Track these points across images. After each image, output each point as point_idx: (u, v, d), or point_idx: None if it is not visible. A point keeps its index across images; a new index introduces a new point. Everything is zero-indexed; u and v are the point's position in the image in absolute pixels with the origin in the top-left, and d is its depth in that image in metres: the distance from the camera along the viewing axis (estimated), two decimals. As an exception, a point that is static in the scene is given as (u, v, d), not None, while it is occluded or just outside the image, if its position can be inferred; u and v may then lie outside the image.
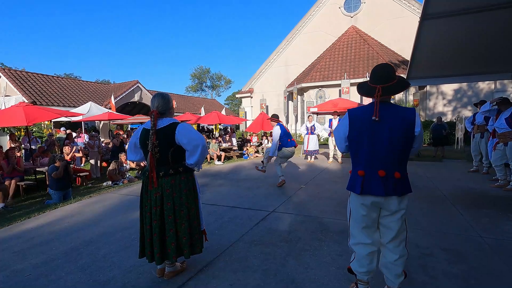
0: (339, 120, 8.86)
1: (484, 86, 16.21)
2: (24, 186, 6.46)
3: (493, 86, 15.99)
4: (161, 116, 2.26)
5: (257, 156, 12.05)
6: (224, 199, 5.03)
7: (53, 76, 17.92)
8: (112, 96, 15.90)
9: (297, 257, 2.77)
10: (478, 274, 2.37)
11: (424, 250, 2.85)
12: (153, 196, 2.22)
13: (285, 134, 5.68)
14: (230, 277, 2.45)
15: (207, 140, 12.16)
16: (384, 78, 1.81)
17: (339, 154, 9.25)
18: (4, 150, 6.84)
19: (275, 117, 6.08)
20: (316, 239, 3.18)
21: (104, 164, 9.70)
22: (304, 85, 17.69)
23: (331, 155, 9.39)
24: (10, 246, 3.32)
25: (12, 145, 8.65)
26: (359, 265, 1.92)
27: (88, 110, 11.97)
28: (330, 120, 9.48)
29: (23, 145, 9.69)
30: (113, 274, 2.57)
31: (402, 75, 11.77)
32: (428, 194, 5.00)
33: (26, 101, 13.26)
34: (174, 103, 18.27)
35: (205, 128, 21.56)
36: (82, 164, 9.83)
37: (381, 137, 1.76)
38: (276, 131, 5.60)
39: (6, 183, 5.90)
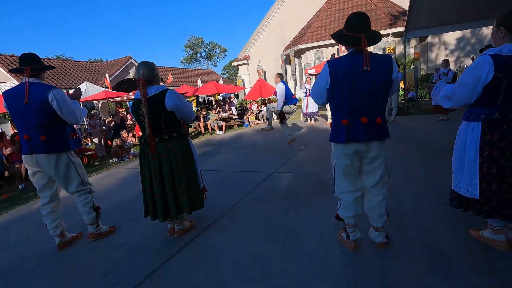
0: None
1: (488, 32, 15.56)
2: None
3: (497, 32, 15.33)
4: (148, 84, 2.31)
5: (257, 123, 12.11)
6: (226, 165, 5.20)
7: (44, 59, 17.55)
8: (107, 74, 15.66)
9: (297, 212, 2.95)
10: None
11: (418, 196, 3.00)
12: (151, 161, 2.36)
13: (288, 91, 5.88)
14: (234, 232, 2.65)
15: (207, 112, 12.16)
16: (365, 27, 1.85)
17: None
18: (8, 136, 6.97)
19: (279, 76, 6.31)
20: (315, 195, 3.34)
21: (109, 142, 9.87)
22: (301, 46, 17.15)
23: (329, 116, 9.41)
24: (31, 221, 3.56)
25: (15, 131, 8.77)
26: (345, 211, 2.08)
27: (84, 90, 11.90)
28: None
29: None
30: (127, 238, 2.79)
31: (401, 28, 11.33)
32: (425, 147, 5.10)
33: (21, 86, 13.12)
34: (170, 77, 17.93)
35: (205, 100, 21.41)
36: (90, 144, 10.02)
37: (364, 85, 1.81)
38: (281, 87, 5.79)
39: (17, 166, 6.11)
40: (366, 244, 2.19)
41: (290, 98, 5.87)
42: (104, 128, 9.67)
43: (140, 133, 7.26)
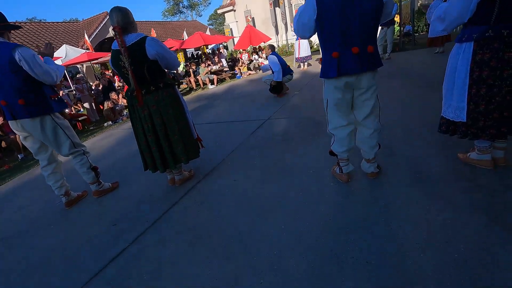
0: None
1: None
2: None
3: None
4: (125, 32, 2.16)
5: (250, 74, 11.75)
6: (221, 117, 5.19)
7: (15, 23, 16.25)
8: (86, 34, 14.67)
9: (292, 152, 3.02)
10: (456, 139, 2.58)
11: (409, 127, 3.05)
12: (141, 114, 2.33)
13: (281, 61, 5.82)
14: (233, 175, 2.74)
15: (197, 66, 11.70)
16: None
17: None
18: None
19: (271, 47, 6.23)
20: (309, 135, 3.39)
21: (100, 106, 9.68)
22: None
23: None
24: (36, 185, 3.66)
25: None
26: (339, 145, 2.11)
27: (65, 54, 11.25)
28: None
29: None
30: (131, 191, 2.90)
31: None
32: (419, 80, 5.02)
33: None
34: (153, 32, 16.84)
35: (193, 55, 20.42)
36: (82, 110, 9.83)
37: (354, 12, 1.70)
38: (273, 58, 5.72)
39: (12, 137, 6.08)
40: (359, 176, 2.29)
41: (284, 68, 5.80)
42: (93, 92, 9.40)
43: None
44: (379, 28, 8.03)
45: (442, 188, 1.93)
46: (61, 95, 8.53)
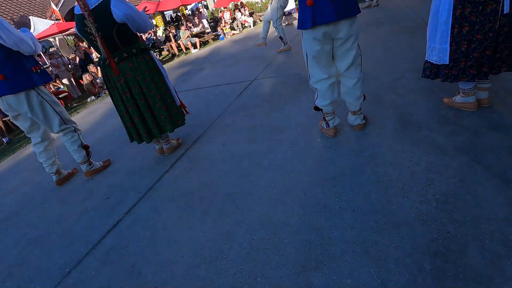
0: None
1: None
2: (11, 120, 6.43)
3: None
4: None
5: (233, 34, 11.18)
6: (206, 81, 5.02)
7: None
8: (52, 3, 13.49)
9: (279, 111, 2.98)
10: (442, 85, 2.56)
11: (396, 75, 3.00)
12: (117, 84, 2.21)
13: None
14: (222, 139, 2.72)
15: (177, 30, 11.03)
16: None
17: None
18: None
19: None
20: (296, 92, 3.32)
21: (80, 81, 9.26)
22: None
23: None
24: (24, 167, 3.62)
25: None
26: (323, 99, 2.07)
27: (33, 27, 10.44)
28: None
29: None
30: (121, 164, 2.88)
31: None
32: (407, 25, 4.84)
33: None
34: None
35: (172, 18, 19.14)
36: (62, 87, 9.41)
37: None
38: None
39: (-7, 121, 5.87)
40: (346, 128, 2.29)
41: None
42: (70, 66, 8.92)
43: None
44: (366, -29, 7.52)
45: (427, 134, 1.94)
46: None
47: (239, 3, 12.64)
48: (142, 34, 10.72)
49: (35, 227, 2.27)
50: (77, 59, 9.24)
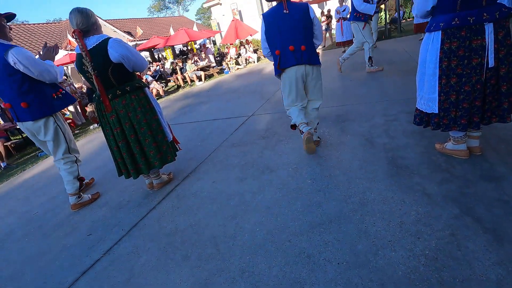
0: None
1: None
2: (12, 145, 6.51)
3: None
4: (86, 34, 2.07)
5: (238, 69, 11.62)
6: (205, 115, 5.11)
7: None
8: (68, 34, 14.29)
9: (272, 149, 2.97)
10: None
11: (390, 117, 3.02)
12: (110, 119, 2.24)
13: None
14: (212, 176, 2.69)
15: (184, 63, 11.51)
16: None
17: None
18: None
19: None
20: (291, 131, 3.33)
21: (86, 108, 9.49)
22: (274, -25, 15.51)
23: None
24: (14, 195, 3.57)
25: None
26: (296, 117, 2.53)
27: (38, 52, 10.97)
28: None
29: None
30: (110, 196, 2.83)
31: None
32: (402, 67, 5.00)
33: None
34: (139, 29, 16.39)
35: (182, 51, 20.09)
36: (67, 113, 9.63)
37: (288, 22, 2.33)
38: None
39: (-7, 145, 5.94)
40: (336, 172, 2.25)
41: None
42: (77, 94, 9.20)
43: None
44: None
45: (418, 181, 1.90)
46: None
47: (244, 40, 13.28)
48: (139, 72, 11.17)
49: (11, 264, 2.17)
50: (84, 88, 9.55)
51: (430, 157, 2.13)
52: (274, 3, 2.44)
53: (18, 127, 6.93)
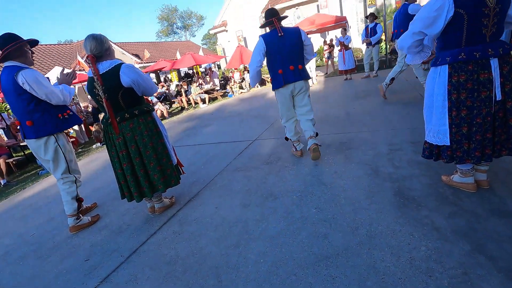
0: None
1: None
2: (14, 162, 6.50)
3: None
4: (99, 59, 2.14)
5: (241, 93, 11.85)
6: (209, 138, 5.13)
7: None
8: (78, 55, 14.77)
9: (276, 174, 2.95)
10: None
11: (394, 146, 3.03)
12: (116, 142, 2.25)
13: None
14: (215, 201, 2.65)
15: (189, 85, 11.77)
16: (275, 14, 2.93)
17: (314, 75, 8.99)
18: None
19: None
20: (295, 156, 3.34)
21: (90, 127, 9.58)
22: (279, 6, 16.31)
23: (314, 77, 9.19)
24: (12, 215, 3.51)
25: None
26: (290, 131, 3.22)
27: (56, 76, 11.27)
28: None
29: (-2, 124, 9.35)
30: (110, 219, 2.78)
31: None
32: (404, 96, 5.09)
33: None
34: (147, 52, 16.88)
35: (187, 74, 20.62)
36: (72, 132, 9.71)
37: (285, 45, 2.84)
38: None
39: (-6, 161, 5.93)
40: (342, 201, 2.22)
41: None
42: (82, 113, 9.34)
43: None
44: (365, 47, 8.22)
45: (426, 214, 1.86)
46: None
47: (248, 65, 13.65)
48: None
49: (3, 288, 2.09)
50: (90, 107, 9.71)
51: (437, 189, 2.11)
52: (267, 29, 2.95)
53: (21, 144, 7.01)
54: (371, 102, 5.26)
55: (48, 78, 2.60)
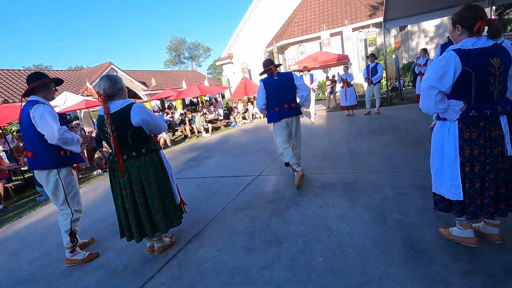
0: (310, 76, 8.69)
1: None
2: (12, 187, 6.43)
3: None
4: (111, 99, 2.19)
5: (244, 123, 12.01)
6: (212, 171, 5.10)
7: (20, 70, 16.92)
8: (87, 82, 15.21)
9: (280, 215, 2.88)
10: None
11: (400, 190, 2.98)
12: (121, 180, 2.23)
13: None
14: (217, 244, 2.56)
15: (192, 114, 11.98)
16: (272, 63, 3.65)
17: (313, 113, 8.98)
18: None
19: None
20: (299, 196, 3.29)
21: (93, 153, 9.60)
22: (283, 42, 17.06)
23: (312, 114, 9.22)
24: (5, 247, 3.39)
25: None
26: (288, 155, 3.62)
27: (64, 101, 11.51)
28: (301, 77, 9.24)
29: (1, 147, 9.41)
30: (107, 258, 2.67)
31: (381, 18, 11.35)
32: (407, 137, 5.12)
33: (-3, 100, 12.65)
34: (153, 80, 17.39)
35: (192, 102, 21.11)
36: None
37: (281, 87, 3.53)
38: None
39: (-8, 186, 5.85)
40: (349, 250, 2.14)
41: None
42: (86, 139, 9.40)
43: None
44: (367, 85, 8.46)
45: (438, 270, 1.78)
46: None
47: (252, 97, 13.97)
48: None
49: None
50: (94, 133, 9.79)
51: (447, 240, 2.04)
52: (265, 75, 3.64)
53: (22, 168, 6.97)
54: (374, 140, 5.29)
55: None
